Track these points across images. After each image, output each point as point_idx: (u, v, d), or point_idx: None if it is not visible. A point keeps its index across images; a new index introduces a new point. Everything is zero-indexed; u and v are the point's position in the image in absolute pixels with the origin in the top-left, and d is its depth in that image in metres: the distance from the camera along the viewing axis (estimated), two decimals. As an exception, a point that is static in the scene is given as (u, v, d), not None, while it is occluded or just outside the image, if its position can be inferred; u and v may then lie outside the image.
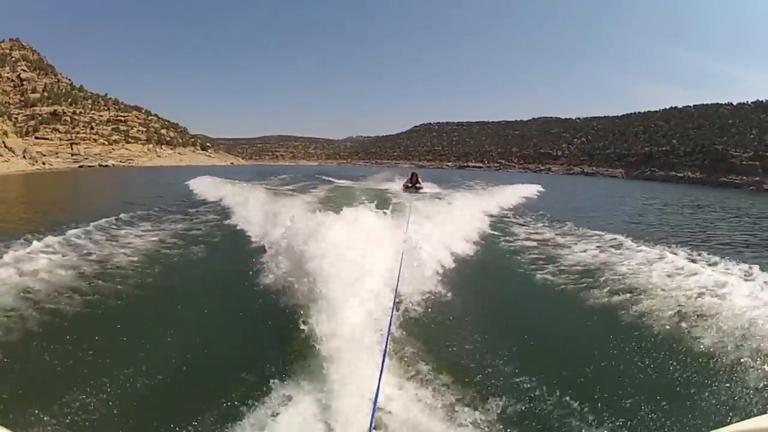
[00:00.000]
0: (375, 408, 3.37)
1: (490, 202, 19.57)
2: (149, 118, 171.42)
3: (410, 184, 29.00)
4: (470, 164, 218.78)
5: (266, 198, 17.90)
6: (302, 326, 5.21)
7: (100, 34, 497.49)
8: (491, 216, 16.24)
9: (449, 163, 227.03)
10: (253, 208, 14.28)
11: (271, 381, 4.58)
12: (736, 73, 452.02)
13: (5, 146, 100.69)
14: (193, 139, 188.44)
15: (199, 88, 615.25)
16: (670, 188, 76.68)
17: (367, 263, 6.25)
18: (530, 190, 30.78)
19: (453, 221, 12.86)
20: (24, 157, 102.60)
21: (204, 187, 24.03)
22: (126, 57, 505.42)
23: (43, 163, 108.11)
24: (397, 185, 30.72)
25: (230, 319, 6.71)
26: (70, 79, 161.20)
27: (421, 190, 27.41)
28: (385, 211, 10.52)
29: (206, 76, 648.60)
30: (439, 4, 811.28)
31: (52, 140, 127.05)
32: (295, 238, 6.94)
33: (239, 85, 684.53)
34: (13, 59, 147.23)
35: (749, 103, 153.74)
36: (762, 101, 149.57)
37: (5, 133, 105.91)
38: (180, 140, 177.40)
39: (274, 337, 5.64)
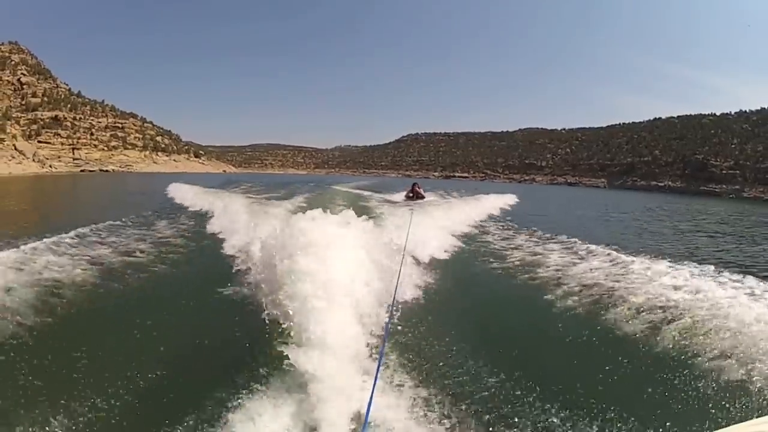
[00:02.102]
0: (367, 420, 3.25)
1: (471, 212, 19.28)
2: (145, 125, 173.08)
3: (411, 194, 27.65)
4: (456, 174, 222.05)
5: (250, 204, 17.55)
6: (291, 335, 5.06)
7: (89, 38, 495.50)
8: (472, 226, 16.14)
9: (435, 173, 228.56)
10: (238, 216, 13.70)
11: (257, 388, 4.49)
12: (722, 84, 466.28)
13: (16, 149, 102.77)
14: (186, 147, 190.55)
15: (188, 94, 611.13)
16: (648, 197, 78.04)
17: (362, 271, 6.23)
18: (505, 200, 28.99)
19: (439, 232, 12.72)
20: (34, 160, 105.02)
21: (191, 195, 22.69)
22: (113, 62, 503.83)
23: (51, 166, 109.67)
24: (397, 196, 29.27)
25: (215, 324, 6.58)
26: (67, 84, 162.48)
27: (424, 199, 26.50)
28: (380, 222, 11.35)
29: (195, 82, 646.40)
30: (428, 17, 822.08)
31: (54, 144, 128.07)
32: (281, 244, 6.65)
33: (228, 92, 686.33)
34: (13, 63, 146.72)
35: (732, 113, 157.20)
36: (745, 111, 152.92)
37: (14, 137, 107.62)
38: (174, 147, 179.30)
39: (261, 346, 5.38)
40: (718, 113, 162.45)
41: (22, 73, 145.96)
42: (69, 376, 4.68)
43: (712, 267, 9.24)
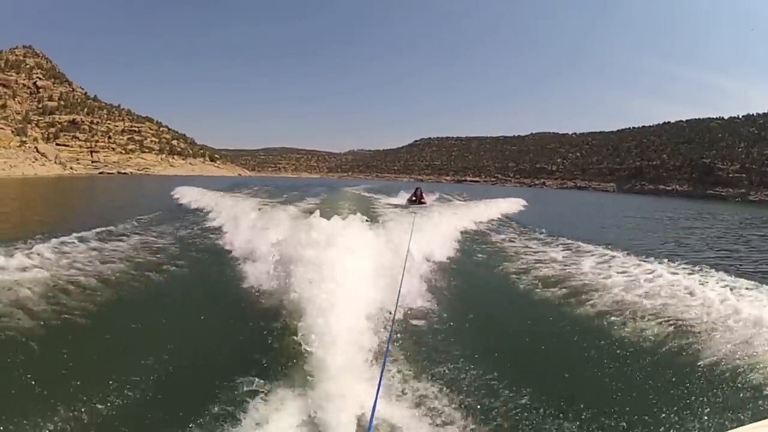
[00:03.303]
0: (372, 423, 3.09)
1: (476, 216, 19.13)
2: (160, 129, 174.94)
3: (414, 198, 27.93)
4: (468, 178, 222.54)
5: (259, 207, 17.08)
6: (295, 337, 5.02)
7: (98, 39, 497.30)
8: (476, 229, 16.23)
9: (448, 177, 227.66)
10: (245, 218, 13.60)
11: (261, 390, 4.55)
12: (733, 87, 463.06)
13: (38, 151, 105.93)
14: (201, 151, 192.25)
15: (201, 97, 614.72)
16: (653, 201, 78.76)
17: (366, 275, 6.20)
18: (512, 205, 29.02)
19: (444, 235, 12.63)
20: (56, 162, 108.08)
21: (202, 198, 22.42)
22: (124, 64, 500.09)
23: (71, 169, 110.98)
24: (400, 199, 29.59)
25: (220, 328, 6.54)
26: (83, 88, 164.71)
27: (424, 205, 26.02)
28: (384, 224, 11.45)
29: (208, 84, 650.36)
30: (440, 21, 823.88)
31: (72, 147, 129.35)
32: (287, 248, 6.65)
33: (241, 96, 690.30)
34: (28, 66, 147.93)
35: (740, 116, 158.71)
36: (752, 114, 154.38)
37: (36, 140, 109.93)
38: (190, 151, 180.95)
39: (265, 348, 5.43)
40: (726, 117, 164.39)
41: (38, 77, 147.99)
42: (77, 376, 4.69)
43: (721, 271, 9.32)
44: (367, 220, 8.23)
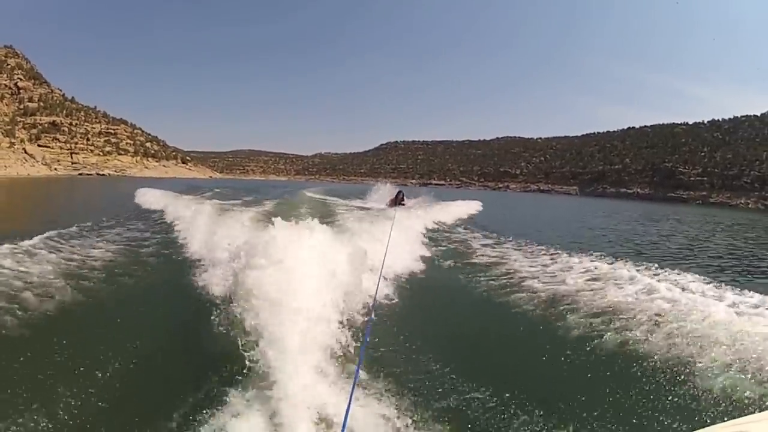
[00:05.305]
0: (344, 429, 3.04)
1: (441, 219, 19.61)
2: (135, 131, 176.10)
3: (395, 201, 27.97)
4: (433, 182, 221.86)
5: (220, 210, 16.72)
6: (261, 344, 4.74)
7: (67, 40, 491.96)
8: (440, 234, 16.23)
9: (413, 181, 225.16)
10: (204, 222, 13.13)
11: (227, 400, 4.28)
12: (706, 94, 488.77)
13: (26, 152, 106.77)
14: (174, 153, 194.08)
15: (170, 98, 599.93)
16: (616, 203, 79.96)
17: (335, 282, 5.92)
18: (470, 207, 29.22)
19: (412, 240, 12.72)
20: (42, 163, 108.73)
21: (166, 200, 21.48)
22: (89, 63, 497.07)
23: (55, 169, 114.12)
24: (379, 203, 29.14)
25: (179, 332, 6.36)
26: (61, 90, 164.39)
27: (404, 207, 25.87)
28: (353, 228, 11.85)
29: (177, 86, 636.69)
30: (408, 26, 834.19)
31: (53, 149, 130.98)
32: (252, 252, 6.22)
33: (209, 98, 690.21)
34: (9, 67, 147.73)
35: (705, 122, 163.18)
36: (718, 120, 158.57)
37: (23, 141, 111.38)
38: (163, 153, 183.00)
39: (229, 356, 5.03)
40: (690, 122, 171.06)
41: (18, 78, 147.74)
42: (26, 383, 4.48)
43: (687, 272, 9.44)
44: (332, 224, 8.05)
